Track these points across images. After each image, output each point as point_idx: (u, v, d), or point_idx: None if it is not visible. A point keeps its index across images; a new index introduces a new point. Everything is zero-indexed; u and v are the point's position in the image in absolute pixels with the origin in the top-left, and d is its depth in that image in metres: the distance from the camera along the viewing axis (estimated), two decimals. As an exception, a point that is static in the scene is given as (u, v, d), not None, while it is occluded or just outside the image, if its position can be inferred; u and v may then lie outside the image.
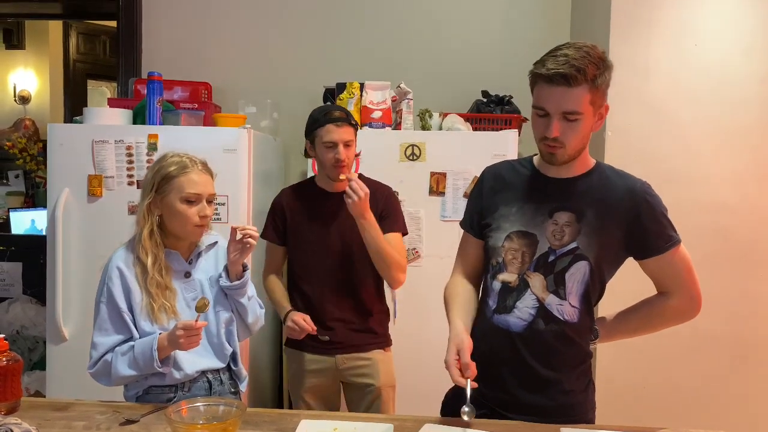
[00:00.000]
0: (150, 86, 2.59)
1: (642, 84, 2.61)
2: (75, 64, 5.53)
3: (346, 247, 2.13)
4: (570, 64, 1.34)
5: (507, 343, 1.51)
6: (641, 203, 1.46)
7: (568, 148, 1.41)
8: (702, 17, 2.59)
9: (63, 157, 2.58)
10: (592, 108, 1.39)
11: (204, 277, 1.79)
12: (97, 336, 1.68)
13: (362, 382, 2.17)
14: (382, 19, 3.27)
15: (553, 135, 1.39)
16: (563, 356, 1.50)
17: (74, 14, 4.53)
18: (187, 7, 3.33)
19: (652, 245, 1.47)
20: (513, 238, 1.50)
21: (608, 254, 1.47)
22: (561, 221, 1.47)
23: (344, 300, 2.15)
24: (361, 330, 2.17)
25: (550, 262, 1.46)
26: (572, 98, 1.36)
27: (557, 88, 1.36)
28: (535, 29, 3.16)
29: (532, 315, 1.48)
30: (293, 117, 3.16)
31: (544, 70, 1.37)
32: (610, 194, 1.47)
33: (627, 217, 1.45)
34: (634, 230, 1.46)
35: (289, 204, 2.20)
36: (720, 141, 2.62)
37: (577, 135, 1.40)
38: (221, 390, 1.77)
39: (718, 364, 2.66)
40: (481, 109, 2.89)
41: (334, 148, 2.07)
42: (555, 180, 1.51)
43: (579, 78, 1.34)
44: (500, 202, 1.56)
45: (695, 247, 2.55)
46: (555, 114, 1.38)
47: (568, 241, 1.45)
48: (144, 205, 1.71)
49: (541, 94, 1.40)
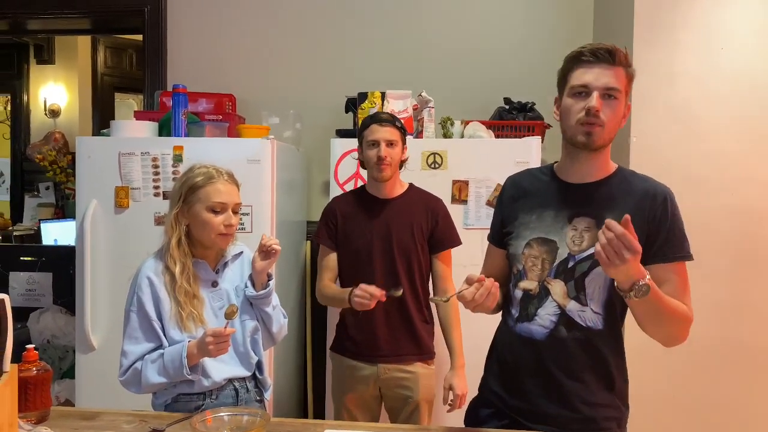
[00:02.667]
0: (175, 98, 2.63)
1: (667, 89, 2.58)
2: (103, 77, 5.64)
3: (391, 253, 2.17)
4: (612, 47, 1.40)
5: (529, 352, 1.50)
6: (659, 206, 1.43)
7: (606, 127, 1.41)
8: (728, 21, 2.55)
9: (91, 169, 2.63)
10: (625, 94, 1.42)
11: (230, 287, 1.81)
12: (128, 344, 1.71)
13: (402, 393, 2.19)
14: (403, 28, 3.28)
15: (596, 108, 1.38)
16: (587, 366, 1.46)
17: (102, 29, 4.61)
18: (211, 20, 3.38)
19: (659, 251, 1.42)
20: (533, 245, 1.49)
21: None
22: (580, 227, 1.45)
23: (390, 306, 2.15)
24: (405, 339, 2.18)
25: (570, 267, 1.44)
26: (614, 75, 1.40)
27: (600, 64, 1.40)
28: (556, 35, 3.15)
29: (553, 322, 1.46)
30: (315, 127, 3.20)
31: (587, 50, 1.41)
32: (631, 197, 1.44)
33: (646, 220, 1.42)
34: (651, 234, 1.42)
35: (341, 209, 2.26)
36: (748, 146, 2.56)
37: (615, 116, 1.41)
38: (247, 398, 1.79)
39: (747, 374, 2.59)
40: (504, 116, 2.87)
41: (377, 146, 2.13)
42: (574, 185, 1.49)
43: (619, 56, 1.40)
44: (520, 209, 1.56)
45: (723, 254, 2.55)
46: (598, 89, 1.39)
47: (587, 246, 1.43)
48: (172, 215, 1.75)
49: (582, 73, 1.41)
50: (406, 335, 2.19)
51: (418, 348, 2.21)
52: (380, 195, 2.22)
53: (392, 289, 2.02)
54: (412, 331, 2.20)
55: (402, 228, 2.18)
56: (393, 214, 2.19)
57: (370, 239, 2.19)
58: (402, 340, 2.18)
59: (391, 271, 2.17)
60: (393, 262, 2.18)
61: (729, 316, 2.56)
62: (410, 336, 2.19)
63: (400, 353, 2.18)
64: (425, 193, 2.29)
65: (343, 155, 2.68)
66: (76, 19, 3.81)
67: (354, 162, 2.58)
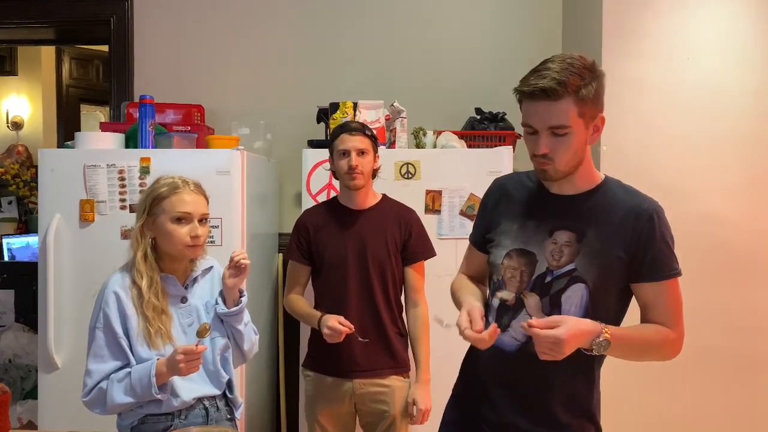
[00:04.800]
0: (142, 109, 2.58)
1: (636, 97, 2.61)
2: (68, 89, 5.52)
3: (365, 265, 2.15)
4: (551, 77, 1.30)
5: (499, 363, 1.47)
6: (645, 224, 1.37)
7: (559, 164, 1.35)
8: (694, 31, 2.60)
9: (54, 183, 2.56)
10: (582, 120, 1.33)
11: (200, 303, 1.77)
12: (92, 363, 1.66)
13: (378, 408, 2.16)
14: (375, 38, 3.27)
15: (541, 152, 1.34)
16: (555, 383, 1.42)
17: (67, 39, 4.53)
18: (179, 30, 3.33)
19: (648, 269, 1.38)
20: (512, 255, 1.46)
21: (610, 278, 1.38)
22: (560, 241, 1.41)
23: (365, 318, 2.14)
24: (380, 352, 2.16)
25: (547, 283, 1.40)
26: (557, 112, 1.31)
27: (540, 104, 1.32)
28: (526, 45, 3.17)
29: (525, 335, 1.39)
30: (287, 138, 3.16)
31: (526, 87, 1.33)
32: (615, 213, 1.39)
33: (632, 237, 1.37)
34: (637, 252, 1.37)
35: (312, 222, 2.22)
36: (714, 154, 2.61)
37: (568, 150, 1.34)
38: (218, 417, 1.75)
39: (716, 377, 2.63)
40: (475, 126, 2.88)
41: (347, 156, 2.11)
42: (558, 197, 1.45)
43: (560, 91, 1.29)
44: (502, 216, 1.52)
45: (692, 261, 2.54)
46: (542, 130, 1.34)
47: (565, 262, 1.39)
48: (137, 228, 1.71)
49: (527, 111, 1.36)
50: (381, 348, 2.16)
51: (394, 361, 2.18)
52: (353, 206, 2.19)
53: (359, 337, 2.06)
54: (387, 344, 2.17)
55: (376, 239, 2.16)
56: (367, 226, 2.16)
57: (344, 251, 2.16)
58: (377, 353, 2.15)
59: (365, 283, 2.15)
60: (367, 273, 2.15)
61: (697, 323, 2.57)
62: (385, 349, 2.17)
63: (376, 367, 2.15)
64: (398, 204, 2.28)
65: (316, 166, 2.65)
66: (39, 29, 3.73)
67: (326, 173, 2.55)
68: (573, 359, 1.38)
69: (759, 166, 2.61)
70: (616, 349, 1.31)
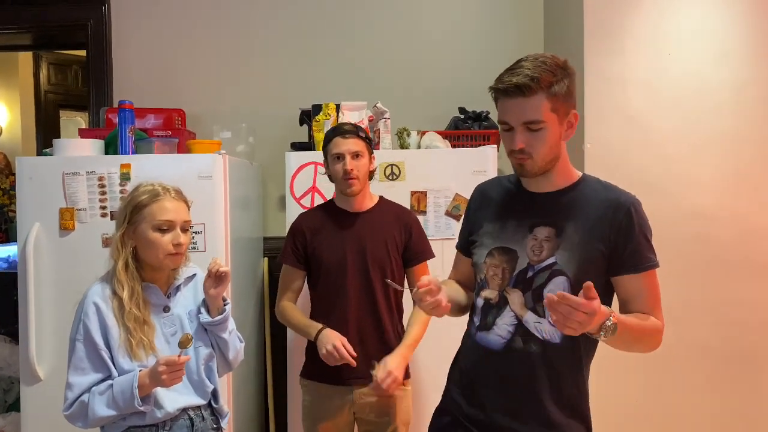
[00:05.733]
0: (121, 115, 2.53)
1: (619, 94, 2.62)
2: (46, 95, 5.43)
3: (365, 268, 2.10)
4: (524, 74, 1.35)
5: (486, 362, 1.49)
6: (623, 217, 1.40)
7: (537, 158, 1.40)
8: (675, 26, 2.61)
9: (33, 191, 2.51)
10: (555, 116, 1.38)
11: (183, 312, 1.74)
12: (73, 376, 1.62)
13: (379, 420, 2.11)
14: (356, 39, 3.25)
15: (517, 147, 1.39)
16: (542, 380, 1.43)
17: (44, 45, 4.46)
18: (158, 33, 3.29)
19: (628, 262, 1.40)
20: (494, 254, 1.49)
21: (591, 271, 1.39)
22: (540, 236, 1.44)
23: (366, 324, 2.09)
24: (381, 359, 2.07)
25: (529, 278, 1.43)
26: (530, 108, 1.36)
27: (514, 100, 1.37)
28: (508, 44, 3.16)
29: (510, 333, 1.44)
30: (269, 141, 3.13)
31: (501, 85, 1.38)
32: (594, 207, 1.42)
33: (610, 231, 1.40)
34: (616, 245, 1.40)
35: (309, 225, 2.16)
36: (697, 148, 2.63)
37: (544, 144, 1.39)
38: (203, 427, 1.72)
39: (704, 373, 2.64)
40: (459, 126, 2.87)
41: (342, 160, 2.07)
42: (537, 195, 1.48)
43: (533, 87, 1.34)
44: (484, 218, 1.56)
45: (677, 256, 2.59)
46: (517, 125, 1.38)
47: (546, 257, 1.42)
48: (117, 237, 1.67)
49: (502, 108, 1.41)
50: (383, 356, 2.07)
51: None
52: (350, 208, 2.15)
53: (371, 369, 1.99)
54: (388, 351, 2.09)
55: (376, 242, 2.11)
56: (366, 228, 2.11)
57: (343, 254, 2.10)
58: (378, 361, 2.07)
59: (366, 287, 2.10)
60: (368, 277, 2.10)
61: (682, 318, 2.60)
62: (386, 353, 2.09)
63: None
64: (396, 206, 2.24)
65: (299, 169, 2.62)
66: (15, 35, 3.67)
67: (311, 175, 2.52)
68: (561, 354, 1.41)
69: (742, 161, 2.63)
70: (618, 337, 1.30)
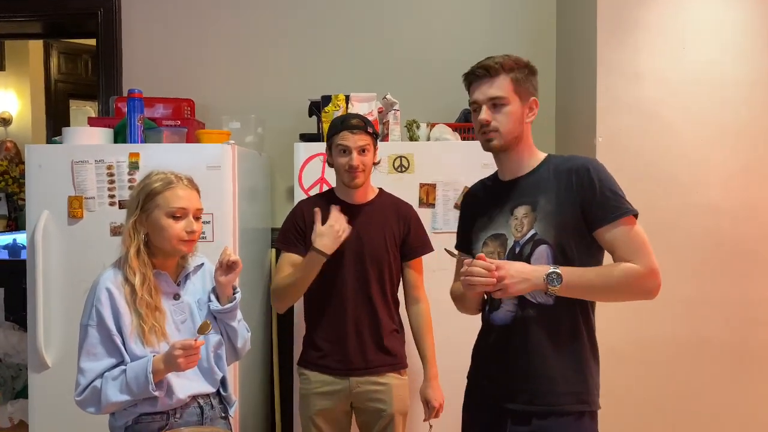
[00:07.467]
0: (130, 104, 2.53)
1: (631, 89, 2.59)
2: (57, 84, 5.44)
3: (362, 260, 2.11)
4: (491, 60, 1.58)
5: (497, 336, 1.62)
6: (584, 176, 1.53)
7: (503, 132, 1.57)
8: (689, 20, 2.58)
9: (42, 179, 2.51)
10: (517, 97, 1.57)
11: (192, 300, 1.75)
12: (85, 361, 1.62)
13: (375, 407, 2.12)
14: (367, 30, 3.23)
15: (484, 119, 1.56)
16: (543, 340, 1.54)
17: (54, 33, 4.46)
18: (168, 23, 3.28)
19: (598, 215, 1.52)
20: (488, 242, 1.63)
21: (568, 234, 1.53)
22: (520, 215, 1.58)
23: (361, 315, 2.11)
24: (377, 349, 2.12)
25: (517, 253, 1.56)
26: (495, 86, 1.56)
27: (482, 81, 1.58)
28: (520, 36, 3.14)
29: (515, 305, 1.58)
30: (278, 131, 3.12)
31: (471, 69, 1.60)
32: (559, 179, 1.56)
33: (576, 192, 1.53)
34: (584, 204, 1.52)
35: (309, 213, 2.14)
36: (711, 144, 2.59)
37: (509, 120, 1.56)
38: (212, 415, 1.73)
39: (716, 370, 2.62)
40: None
41: (348, 154, 2.07)
42: (511, 182, 1.64)
43: (497, 68, 1.56)
44: (474, 216, 1.71)
45: (688, 250, 2.57)
46: (484, 102, 1.57)
47: (526, 231, 1.56)
48: (129, 224, 1.68)
49: (472, 91, 1.61)
50: (378, 345, 2.12)
51: (391, 358, 2.14)
52: (351, 200, 2.15)
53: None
54: (384, 341, 2.13)
55: (375, 234, 2.12)
56: (365, 220, 2.12)
57: (341, 245, 2.10)
58: (373, 351, 2.11)
59: (362, 279, 2.11)
60: (364, 269, 2.11)
61: (692, 314, 2.59)
62: (382, 346, 2.13)
63: (373, 365, 2.11)
64: (396, 199, 2.24)
65: (308, 160, 2.61)
66: (26, 23, 3.68)
67: (319, 166, 2.51)
68: (556, 314, 1.54)
69: (756, 155, 2.60)
70: (575, 287, 1.48)
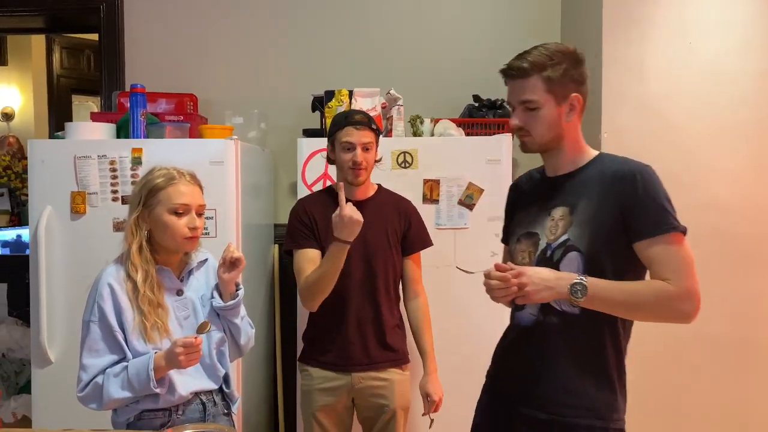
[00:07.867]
0: (133, 99, 2.52)
1: (637, 83, 2.57)
2: (59, 79, 5.43)
3: (368, 256, 2.11)
4: (523, 59, 1.48)
5: (518, 337, 1.58)
6: (628, 183, 1.43)
7: (535, 136, 1.49)
8: (695, 15, 2.56)
9: (44, 174, 2.51)
10: (551, 96, 1.47)
11: (195, 296, 1.74)
12: (87, 357, 1.62)
13: (377, 402, 2.12)
14: (370, 25, 3.22)
15: (515, 125, 1.51)
16: (561, 350, 1.49)
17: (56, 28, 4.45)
18: (171, 17, 3.27)
19: (638, 227, 1.42)
20: (521, 240, 1.58)
21: (604, 243, 1.44)
22: (556, 216, 1.51)
23: (365, 311, 2.11)
24: (379, 345, 2.12)
25: (548, 256, 1.50)
26: (526, 88, 1.47)
27: (513, 82, 1.50)
28: (524, 31, 3.11)
29: (538, 310, 1.52)
30: (281, 127, 3.11)
31: (503, 68, 1.53)
32: (602, 183, 1.47)
33: (617, 200, 1.43)
34: (625, 213, 1.43)
35: (312, 209, 2.14)
36: (717, 139, 2.58)
37: (541, 123, 1.48)
38: (215, 412, 1.72)
39: (720, 367, 2.61)
40: (473, 114, 2.83)
41: (352, 150, 2.06)
42: (554, 178, 1.56)
43: (527, 69, 1.46)
44: (517, 210, 1.66)
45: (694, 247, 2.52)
46: (515, 104, 1.51)
47: (560, 234, 1.49)
48: (131, 220, 1.67)
49: (508, 90, 1.53)
50: (380, 341, 2.13)
51: (392, 354, 2.15)
52: (352, 197, 2.14)
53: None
54: (385, 336, 2.13)
55: (377, 230, 2.12)
56: (367, 216, 2.08)
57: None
58: (375, 346, 2.12)
59: (367, 275, 2.11)
60: (371, 265, 2.11)
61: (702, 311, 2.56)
62: (383, 342, 2.13)
63: (374, 361, 2.12)
64: (395, 195, 2.25)
65: (311, 155, 2.60)
66: (28, 17, 3.67)
67: (322, 162, 2.50)
68: (580, 324, 1.46)
69: (761, 152, 2.58)
70: (600, 300, 1.40)
